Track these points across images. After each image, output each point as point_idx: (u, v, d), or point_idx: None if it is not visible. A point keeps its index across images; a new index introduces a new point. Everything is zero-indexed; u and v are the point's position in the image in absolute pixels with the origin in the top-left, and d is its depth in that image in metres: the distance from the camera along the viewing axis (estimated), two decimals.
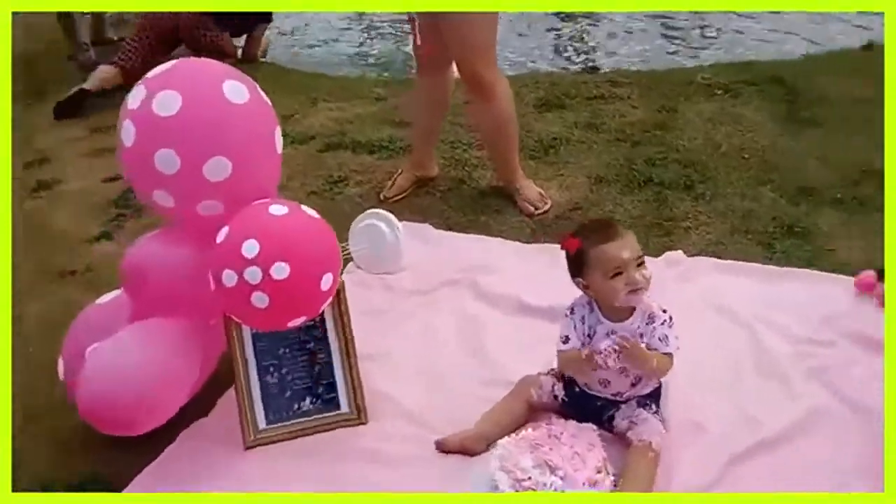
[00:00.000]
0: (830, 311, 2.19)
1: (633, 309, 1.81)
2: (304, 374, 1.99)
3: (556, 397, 1.91)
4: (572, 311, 1.87)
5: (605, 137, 3.22)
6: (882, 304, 2.19)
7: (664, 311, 1.81)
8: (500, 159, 2.85)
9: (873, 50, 3.76)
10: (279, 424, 1.95)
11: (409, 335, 2.23)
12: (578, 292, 1.86)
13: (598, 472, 1.67)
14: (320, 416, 1.97)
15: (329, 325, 1.99)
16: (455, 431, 1.86)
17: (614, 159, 3.04)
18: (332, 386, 1.99)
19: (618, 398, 1.85)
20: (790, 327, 2.15)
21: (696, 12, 4.66)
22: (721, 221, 2.63)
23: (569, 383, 1.91)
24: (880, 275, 2.24)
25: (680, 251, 2.46)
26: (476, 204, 2.84)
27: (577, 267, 1.82)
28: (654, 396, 1.86)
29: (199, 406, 1.97)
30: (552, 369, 1.96)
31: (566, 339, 1.86)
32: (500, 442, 1.76)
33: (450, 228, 2.71)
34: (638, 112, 3.42)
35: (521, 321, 2.25)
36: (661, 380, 1.87)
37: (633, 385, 1.84)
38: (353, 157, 3.20)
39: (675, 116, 3.34)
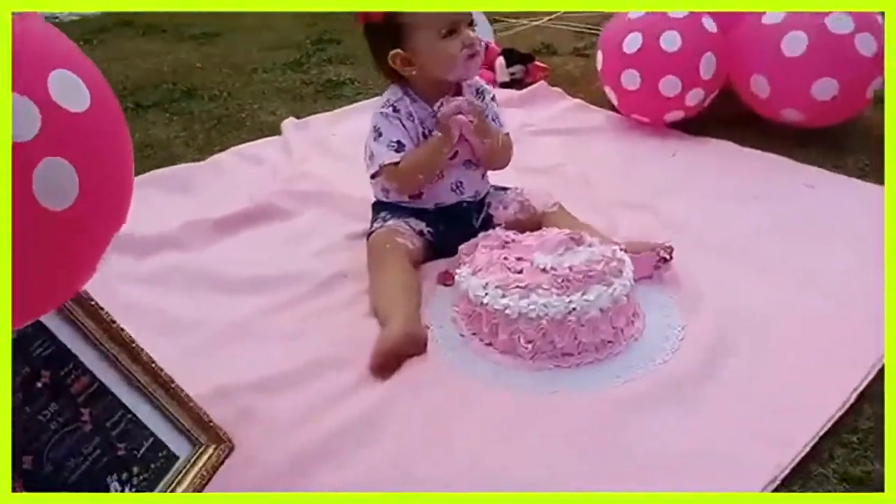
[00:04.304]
0: None
1: (460, 90, 1.47)
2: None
3: (421, 233, 1.46)
4: (394, 108, 1.43)
5: None
6: None
7: (487, 84, 1.55)
8: None
9: None
10: None
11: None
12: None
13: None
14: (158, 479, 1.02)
15: (90, 355, 1.00)
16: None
17: None
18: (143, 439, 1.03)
19: (477, 197, 1.53)
20: None
21: None
22: (252, 116, 2.30)
23: (421, 214, 1.48)
24: None
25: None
26: None
27: (393, 37, 1.38)
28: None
29: None
30: (378, 218, 1.48)
31: (399, 146, 1.42)
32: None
33: None
34: None
35: (248, 234, 1.65)
36: None
37: (483, 177, 1.54)
38: None
39: (104, 70, 2.73)
